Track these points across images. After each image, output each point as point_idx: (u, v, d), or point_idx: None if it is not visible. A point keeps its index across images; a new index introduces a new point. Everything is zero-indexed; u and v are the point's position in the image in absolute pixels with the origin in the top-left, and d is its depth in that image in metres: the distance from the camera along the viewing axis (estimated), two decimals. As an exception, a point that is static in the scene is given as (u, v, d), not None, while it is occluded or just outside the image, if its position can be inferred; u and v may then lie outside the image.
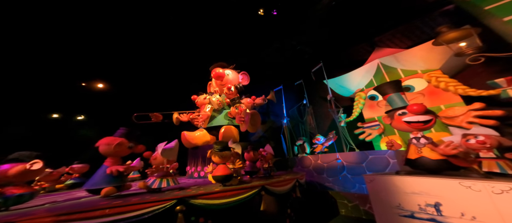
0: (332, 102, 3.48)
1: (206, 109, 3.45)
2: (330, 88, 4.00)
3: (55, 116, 4.57)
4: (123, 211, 1.11)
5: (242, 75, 4.18)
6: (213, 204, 1.36)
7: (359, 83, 3.86)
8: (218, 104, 3.51)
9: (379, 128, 3.25)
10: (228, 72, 3.91)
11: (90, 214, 1.04)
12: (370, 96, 3.65)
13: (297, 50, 5.71)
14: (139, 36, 4.72)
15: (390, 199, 1.45)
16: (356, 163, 2.48)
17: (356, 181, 2.45)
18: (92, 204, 1.13)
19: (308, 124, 4.78)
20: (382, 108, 3.50)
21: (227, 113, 3.56)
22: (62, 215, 0.97)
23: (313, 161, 3.20)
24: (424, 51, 2.99)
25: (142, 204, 1.18)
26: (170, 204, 1.24)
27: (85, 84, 5.17)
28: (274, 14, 4.08)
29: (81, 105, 5.04)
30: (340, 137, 3.13)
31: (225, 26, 4.90)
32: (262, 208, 1.52)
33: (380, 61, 3.54)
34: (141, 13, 4.19)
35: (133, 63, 5.28)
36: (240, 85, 3.87)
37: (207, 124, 3.44)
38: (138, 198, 1.28)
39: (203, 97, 3.75)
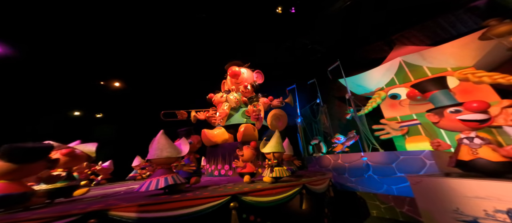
0: (352, 101, 3.29)
1: (224, 108, 3.35)
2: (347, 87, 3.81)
3: (76, 113, 4.61)
4: (181, 206, 1.09)
5: (257, 74, 4.06)
6: (263, 201, 1.27)
7: (379, 82, 3.63)
8: (235, 103, 3.40)
9: (403, 129, 3.04)
10: (243, 70, 3.80)
11: (165, 206, 1.07)
12: (391, 95, 3.43)
13: (308, 49, 5.52)
14: (153, 36, 4.68)
15: (445, 203, 1.28)
16: (384, 163, 2.30)
17: (384, 181, 2.27)
18: (164, 198, 1.14)
19: (322, 123, 4.59)
20: (405, 108, 3.27)
21: (244, 111, 3.44)
22: (142, 206, 1.03)
23: (333, 161, 3.03)
24: (455, 48, 2.74)
25: (198, 200, 1.13)
26: (225, 200, 1.18)
27: (103, 83, 5.20)
28: (292, 12, 3.91)
29: (100, 103, 5.08)
30: (361, 136, 2.94)
31: (238, 25, 4.78)
32: (304, 207, 1.41)
33: (403, 59, 3.31)
34: (155, 13, 4.13)
35: (147, 63, 5.26)
36: (256, 83, 3.75)
37: (225, 122, 3.33)
38: (191, 193, 1.26)
39: (220, 96, 3.65)
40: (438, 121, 1.52)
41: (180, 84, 5.94)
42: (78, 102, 4.62)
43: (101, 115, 5.23)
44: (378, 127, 3.17)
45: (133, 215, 0.98)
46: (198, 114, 3.65)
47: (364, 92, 4.01)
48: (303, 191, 1.44)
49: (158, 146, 1.42)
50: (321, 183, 1.66)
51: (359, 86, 3.99)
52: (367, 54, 4.86)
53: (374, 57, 4.72)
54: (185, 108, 3.58)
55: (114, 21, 4.00)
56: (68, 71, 4.29)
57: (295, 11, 4.05)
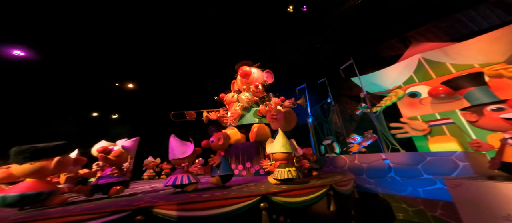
0: (367, 100, 3.13)
1: (236, 108, 3.31)
2: (359, 86, 3.64)
3: (94, 114, 4.79)
4: (215, 206, 1.08)
5: (267, 74, 3.99)
6: (292, 202, 1.23)
7: (396, 80, 3.44)
8: (247, 103, 3.36)
9: (425, 129, 2.84)
10: (253, 70, 3.76)
11: (201, 205, 1.07)
12: (410, 93, 3.23)
13: (317, 48, 5.38)
14: (162, 37, 4.75)
15: (493, 208, 1.15)
16: (408, 164, 2.15)
17: (408, 183, 2.12)
18: (200, 198, 1.14)
19: (334, 123, 4.44)
20: (426, 107, 3.07)
21: (256, 111, 3.39)
22: (181, 204, 1.05)
23: (348, 161, 2.90)
24: (484, 43, 2.53)
25: (230, 200, 1.12)
26: (256, 200, 1.15)
27: (118, 84, 5.37)
28: (304, 10, 3.81)
29: (115, 104, 5.24)
30: (379, 136, 2.79)
31: (246, 24, 4.74)
32: (332, 208, 1.33)
33: (422, 56, 3.11)
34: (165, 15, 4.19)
35: (157, 64, 5.36)
36: (266, 83, 3.69)
37: (237, 122, 3.30)
38: (219, 193, 1.25)
39: (231, 96, 3.62)
40: (477, 119, 1.38)
41: (188, 84, 6.02)
42: (96, 103, 4.80)
43: (116, 115, 5.40)
44: (396, 125, 2.99)
45: (173, 213, 1.01)
46: (210, 114, 3.65)
47: (379, 90, 3.83)
48: (331, 192, 1.37)
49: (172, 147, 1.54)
50: (347, 184, 1.57)
51: (374, 84, 3.81)
52: (380, 52, 4.65)
53: (387, 55, 4.51)
54: (194, 108, 3.61)
55: (127, 25, 4.10)
56: (86, 74, 4.46)
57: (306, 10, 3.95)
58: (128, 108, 5.36)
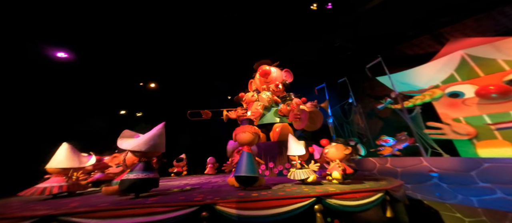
0: (400, 100, 2.84)
1: (257, 107, 3.25)
2: (384, 85, 3.33)
3: (122, 112, 5.09)
4: (272, 206, 1.04)
5: (286, 73, 3.87)
6: (348, 205, 1.14)
7: (432, 79, 3.08)
8: (268, 102, 3.27)
9: (470, 133, 2.49)
10: (273, 69, 3.67)
11: (259, 204, 1.04)
12: (451, 93, 2.86)
13: (337, 47, 5.10)
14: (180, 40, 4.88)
15: None
16: (458, 170, 1.87)
17: (458, 191, 1.84)
18: (257, 197, 1.11)
19: (356, 124, 4.15)
20: (472, 107, 2.68)
21: (277, 110, 3.29)
22: (242, 202, 1.03)
23: (378, 164, 2.65)
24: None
25: (284, 200, 1.07)
26: (311, 202, 1.09)
27: (142, 84, 5.67)
28: (329, 7, 3.62)
29: (140, 102, 5.53)
30: (416, 138, 2.49)
31: (264, 23, 4.67)
32: (389, 214, 1.20)
33: (466, 52, 2.74)
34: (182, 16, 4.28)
35: (176, 64, 5.54)
36: (287, 82, 3.58)
37: (258, 121, 3.23)
38: (265, 193, 1.19)
39: (251, 95, 3.57)
40: None
41: (204, 84, 6.14)
42: (124, 102, 5.10)
43: (140, 113, 5.69)
44: (434, 125, 2.65)
45: (233, 211, 1.00)
46: (230, 113, 3.64)
47: (410, 90, 3.48)
48: (387, 198, 1.23)
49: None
50: (399, 189, 1.41)
51: (404, 84, 3.47)
52: (408, 50, 4.25)
53: (416, 53, 4.09)
54: (209, 107, 3.63)
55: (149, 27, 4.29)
56: (115, 74, 4.77)
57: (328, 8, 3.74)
58: (150, 106, 5.61)
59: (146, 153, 1.33)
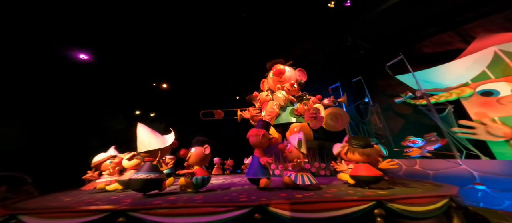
0: (426, 99, 2.65)
1: (273, 106, 3.17)
2: (403, 84, 3.13)
3: (137, 112, 5.19)
4: (328, 208, 0.97)
5: (299, 72, 3.78)
6: (413, 211, 1.02)
7: (461, 77, 2.86)
8: (284, 101, 3.19)
9: (506, 134, 2.26)
10: (287, 68, 3.59)
11: (314, 206, 0.97)
12: (483, 91, 2.64)
13: (350, 46, 4.92)
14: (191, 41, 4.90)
15: None
16: (504, 174, 1.69)
17: (505, 196, 1.66)
18: (313, 199, 1.06)
19: (373, 124, 3.96)
20: (507, 107, 2.46)
21: (292, 110, 3.19)
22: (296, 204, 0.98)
23: (405, 166, 2.48)
24: None
25: (338, 203, 0.99)
26: (370, 206, 0.99)
27: (155, 84, 5.76)
28: (348, 5, 3.46)
29: (153, 102, 5.63)
30: (449, 139, 2.30)
31: (277, 21, 4.58)
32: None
33: (500, 48, 2.51)
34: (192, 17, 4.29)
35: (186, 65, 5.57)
36: (302, 81, 3.48)
37: (274, 121, 3.15)
38: (330, 195, 1.14)
39: (265, 94, 3.50)
40: None
41: (214, 84, 6.15)
42: (138, 102, 5.20)
43: (153, 113, 5.78)
44: (465, 123, 2.43)
45: (287, 213, 0.94)
46: (243, 113, 3.59)
47: (434, 88, 3.25)
48: (453, 204, 1.10)
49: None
50: (458, 195, 1.28)
51: (428, 82, 3.25)
52: (427, 48, 4.00)
53: (436, 51, 3.84)
54: (219, 107, 3.56)
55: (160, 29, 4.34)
56: (130, 75, 4.87)
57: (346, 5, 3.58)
58: (162, 106, 5.68)
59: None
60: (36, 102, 3.18)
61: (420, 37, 3.95)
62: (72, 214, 0.97)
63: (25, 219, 0.96)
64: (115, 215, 0.93)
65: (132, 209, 0.96)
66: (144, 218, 0.93)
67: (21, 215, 0.97)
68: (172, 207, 0.97)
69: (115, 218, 0.92)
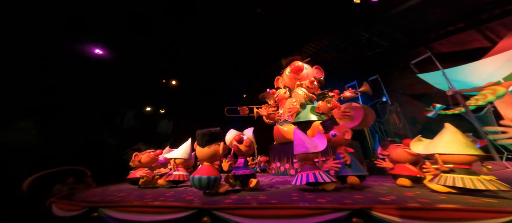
0: (459, 98, 2.47)
1: (293, 103, 3.03)
2: (424, 83, 2.96)
3: (148, 109, 5.07)
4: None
5: (316, 70, 3.65)
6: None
7: (492, 76, 2.69)
8: (305, 98, 3.04)
9: None
10: (305, 66, 3.46)
11: (433, 214, 0.80)
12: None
13: (364, 44, 4.74)
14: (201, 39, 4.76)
15: None
16: None
17: None
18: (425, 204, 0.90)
19: (392, 124, 3.79)
20: (547, 107, 2.29)
21: (312, 108, 3.05)
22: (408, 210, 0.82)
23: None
24: None
25: (476, 213, 0.78)
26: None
27: (165, 81, 5.64)
28: (374, 1, 3.26)
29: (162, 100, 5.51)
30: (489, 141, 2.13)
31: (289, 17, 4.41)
32: None
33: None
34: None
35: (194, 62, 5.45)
36: (322, 79, 3.34)
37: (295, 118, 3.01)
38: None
39: (283, 92, 3.36)
40: None
41: (222, 82, 6.03)
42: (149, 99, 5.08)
43: (163, 111, 5.65)
44: (498, 129, 2.28)
45: (397, 220, 0.79)
46: (260, 110, 3.46)
47: (462, 88, 3.08)
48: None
49: (298, 143, 1.35)
50: None
51: (455, 81, 3.08)
52: (446, 46, 3.83)
53: (457, 50, 3.67)
54: (225, 104, 3.49)
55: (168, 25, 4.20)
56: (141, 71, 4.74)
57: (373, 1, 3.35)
58: (171, 103, 5.56)
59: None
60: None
61: (439, 36, 3.78)
62: (157, 210, 0.93)
63: (108, 212, 0.95)
64: (201, 213, 0.89)
65: (217, 208, 0.90)
66: (230, 218, 0.86)
67: (104, 208, 0.96)
68: (260, 207, 0.89)
69: (201, 217, 0.88)
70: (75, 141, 2.88)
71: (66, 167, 1.81)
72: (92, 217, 0.97)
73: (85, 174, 1.84)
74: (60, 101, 3.00)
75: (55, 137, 2.64)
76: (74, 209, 1.07)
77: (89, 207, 1.02)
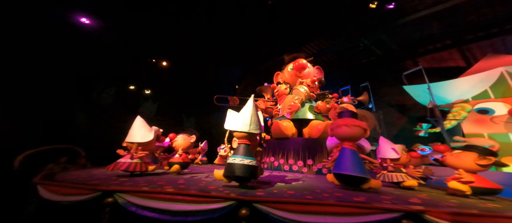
0: (436, 111, 2.73)
1: (294, 100, 2.93)
2: (406, 95, 3.21)
3: (131, 88, 4.40)
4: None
5: (317, 70, 3.59)
6: None
7: (464, 93, 3.02)
8: (305, 96, 2.97)
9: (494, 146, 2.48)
10: (308, 64, 3.36)
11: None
12: (480, 109, 2.83)
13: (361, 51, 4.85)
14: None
15: None
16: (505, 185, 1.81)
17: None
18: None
19: (373, 130, 4.07)
20: (498, 125, 2.69)
21: (311, 107, 3.01)
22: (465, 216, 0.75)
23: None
24: None
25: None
26: None
27: (154, 60, 4.94)
28: (391, 7, 3.17)
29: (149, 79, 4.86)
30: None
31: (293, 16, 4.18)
32: None
33: (507, 69, 2.66)
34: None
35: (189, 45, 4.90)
36: (322, 79, 3.30)
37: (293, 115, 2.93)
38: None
39: (284, 88, 3.23)
40: None
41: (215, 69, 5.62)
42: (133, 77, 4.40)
43: (149, 91, 5.02)
44: (458, 139, 2.62)
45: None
46: (258, 102, 3.29)
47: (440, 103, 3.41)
48: None
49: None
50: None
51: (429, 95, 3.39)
52: (429, 62, 4.16)
53: (438, 66, 4.00)
54: (216, 93, 3.25)
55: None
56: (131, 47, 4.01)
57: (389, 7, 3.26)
58: (159, 85, 4.98)
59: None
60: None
61: (427, 51, 4.05)
62: (190, 199, 0.83)
63: (130, 198, 0.82)
64: (241, 205, 0.81)
65: (259, 201, 0.81)
66: (270, 211, 0.78)
67: (123, 193, 0.84)
68: (303, 202, 0.81)
69: (239, 209, 0.80)
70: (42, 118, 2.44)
71: (59, 146, 1.64)
72: (106, 203, 0.83)
73: (79, 154, 1.68)
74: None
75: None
76: (80, 192, 0.89)
77: (102, 190, 0.87)
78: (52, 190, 0.92)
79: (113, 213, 0.83)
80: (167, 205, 0.80)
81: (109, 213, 0.82)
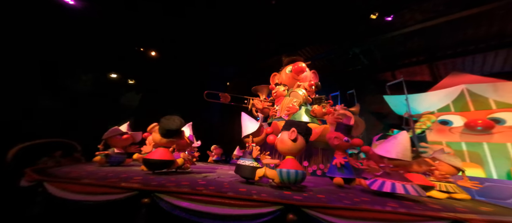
0: (410, 121, 3.05)
1: (293, 102, 2.91)
2: (383, 104, 3.54)
3: (113, 76, 3.79)
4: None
5: (313, 74, 3.65)
6: None
7: (431, 106, 3.44)
8: (304, 99, 2.98)
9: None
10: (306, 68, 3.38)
11: None
12: (442, 120, 3.27)
13: (349, 59, 5.12)
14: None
15: None
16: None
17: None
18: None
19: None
20: (455, 135, 3.14)
21: (306, 110, 3.04)
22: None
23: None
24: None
25: None
26: None
27: (142, 49, 4.36)
28: (389, 19, 3.32)
29: (134, 69, 4.27)
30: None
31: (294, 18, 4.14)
32: None
33: (467, 87, 3.11)
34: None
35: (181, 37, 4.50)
36: (318, 84, 3.35)
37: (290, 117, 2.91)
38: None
39: (282, 89, 3.19)
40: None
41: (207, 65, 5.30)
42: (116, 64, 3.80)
43: (133, 81, 4.43)
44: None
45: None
46: (255, 102, 3.20)
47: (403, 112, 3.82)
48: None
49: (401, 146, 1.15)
50: None
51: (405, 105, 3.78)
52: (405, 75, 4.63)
53: (410, 80, 4.49)
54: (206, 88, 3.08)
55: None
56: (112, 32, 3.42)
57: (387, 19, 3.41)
58: (145, 75, 4.44)
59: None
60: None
61: (403, 64, 4.48)
62: (234, 203, 0.77)
63: (170, 199, 0.77)
64: (288, 210, 0.77)
65: (308, 205, 0.78)
66: (320, 216, 0.75)
67: (161, 193, 0.79)
68: (354, 208, 0.78)
69: (286, 214, 0.76)
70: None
71: (54, 139, 1.55)
72: (143, 204, 0.77)
73: (75, 149, 1.59)
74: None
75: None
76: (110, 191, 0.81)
77: (139, 190, 0.80)
78: (70, 188, 0.82)
79: (149, 214, 0.77)
80: (205, 208, 0.75)
81: (145, 214, 0.76)
